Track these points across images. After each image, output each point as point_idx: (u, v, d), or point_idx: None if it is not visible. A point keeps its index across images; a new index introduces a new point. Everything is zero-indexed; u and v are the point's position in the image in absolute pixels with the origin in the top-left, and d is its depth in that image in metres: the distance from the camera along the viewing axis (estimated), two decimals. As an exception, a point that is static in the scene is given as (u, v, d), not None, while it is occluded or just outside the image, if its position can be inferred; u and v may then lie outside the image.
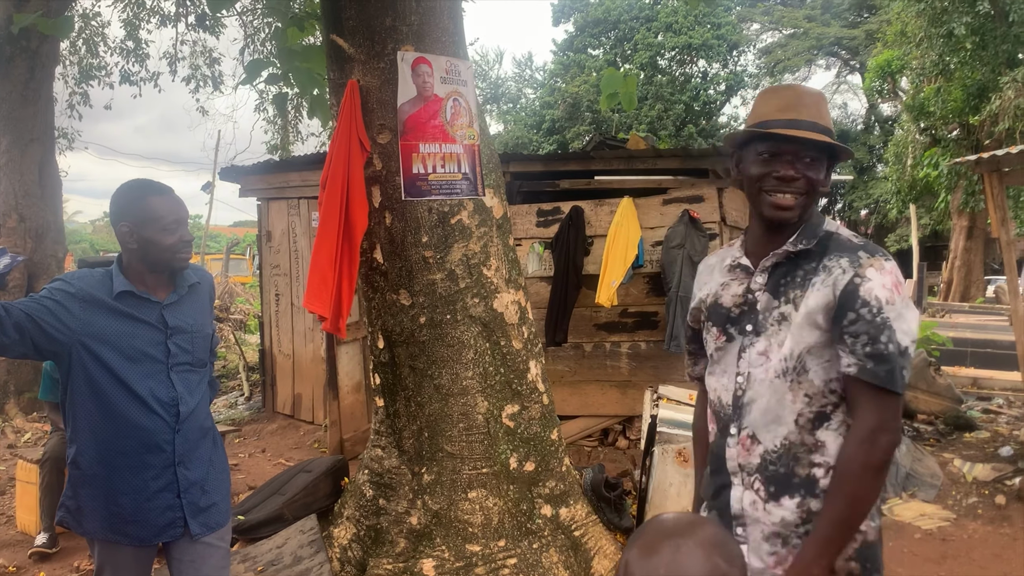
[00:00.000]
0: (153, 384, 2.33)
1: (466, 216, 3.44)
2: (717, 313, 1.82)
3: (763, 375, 1.71)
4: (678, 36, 30.35)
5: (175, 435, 2.37)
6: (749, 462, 1.73)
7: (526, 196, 7.17)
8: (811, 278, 1.68)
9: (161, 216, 2.33)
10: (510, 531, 3.37)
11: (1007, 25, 16.28)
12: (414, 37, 3.30)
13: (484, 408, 3.43)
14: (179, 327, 2.41)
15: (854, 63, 33.39)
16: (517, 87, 38.36)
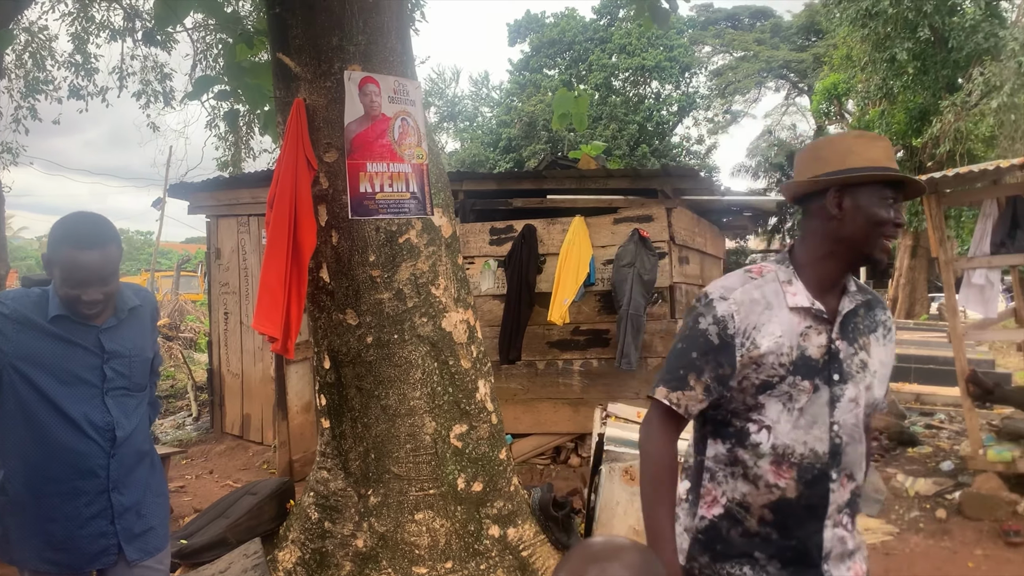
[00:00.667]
0: (88, 409, 2.26)
1: (414, 235, 3.43)
2: (806, 366, 1.73)
3: (853, 420, 1.75)
4: (632, 57, 30.81)
5: (110, 460, 2.30)
6: (843, 499, 1.77)
7: (479, 214, 7.20)
8: (869, 325, 1.81)
9: (70, 271, 2.19)
10: (457, 553, 3.35)
11: (947, 51, 16.84)
12: (361, 56, 3.30)
13: (432, 428, 3.41)
14: (116, 351, 2.34)
15: (802, 86, 34.19)
16: (474, 105, 38.50)
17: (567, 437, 6.88)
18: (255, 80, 4.75)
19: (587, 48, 32.17)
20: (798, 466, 1.73)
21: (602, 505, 3.69)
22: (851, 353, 1.75)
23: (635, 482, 3.68)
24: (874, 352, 1.78)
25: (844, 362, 1.74)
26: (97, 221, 2.28)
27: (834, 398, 1.73)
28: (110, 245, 2.23)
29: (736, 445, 1.77)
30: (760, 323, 1.73)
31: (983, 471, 5.54)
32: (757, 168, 34.87)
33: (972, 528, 5.28)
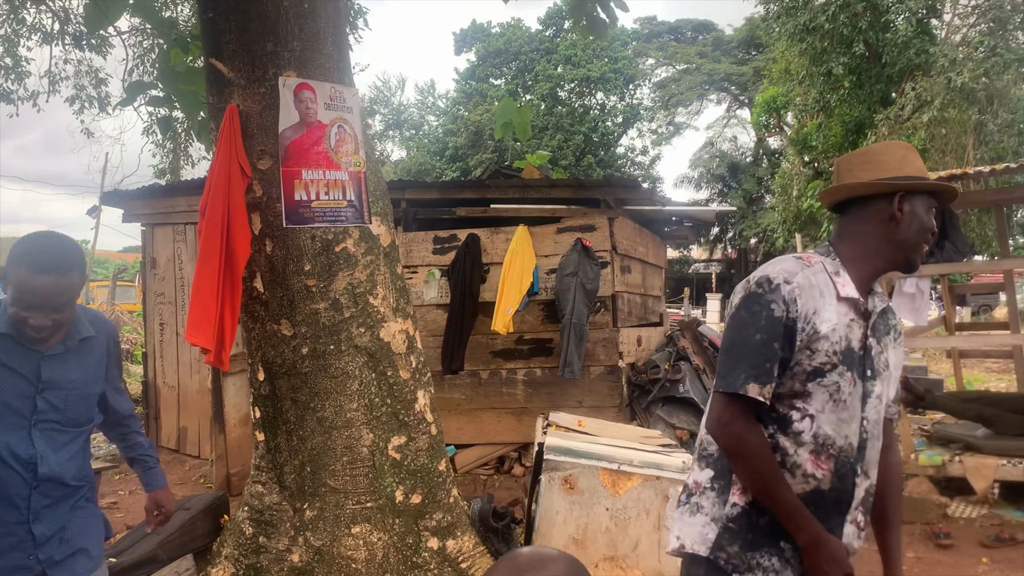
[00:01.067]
0: (11, 439, 2.09)
1: (351, 244, 3.38)
2: (851, 358, 1.76)
3: (875, 416, 1.81)
4: (577, 69, 31.10)
5: (31, 491, 2.14)
6: (861, 496, 1.82)
7: (422, 223, 7.15)
8: (887, 326, 1.88)
9: (21, 292, 2.05)
10: (395, 566, 3.30)
11: (881, 66, 17.35)
12: (296, 63, 3.25)
13: (369, 440, 3.36)
14: (54, 382, 2.17)
15: (743, 98, 34.89)
16: (420, 114, 38.42)
17: (511, 447, 6.86)
18: (190, 86, 4.65)
19: (533, 59, 32.37)
20: (835, 458, 1.75)
21: (542, 514, 3.67)
22: (879, 351, 1.82)
23: (575, 491, 3.68)
24: (891, 353, 1.86)
25: (874, 359, 1.80)
26: (61, 245, 2.12)
27: (866, 393, 1.78)
28: (70, 272, 2.08)
29: (778, 431, 1.75)
30: (818, 308, 1.75)
31: (915, 475, 5.68)
32: (699, 179, 35.48)
33: (904, 531, 5.38)
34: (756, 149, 34.28)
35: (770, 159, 32.88)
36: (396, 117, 37.74)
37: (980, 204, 10.40)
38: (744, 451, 1.75)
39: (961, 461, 5.50)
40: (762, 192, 32.68)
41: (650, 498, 3.61)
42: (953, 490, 5.70)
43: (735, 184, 33.43)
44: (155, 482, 2.63)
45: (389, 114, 37.64)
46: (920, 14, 16.88)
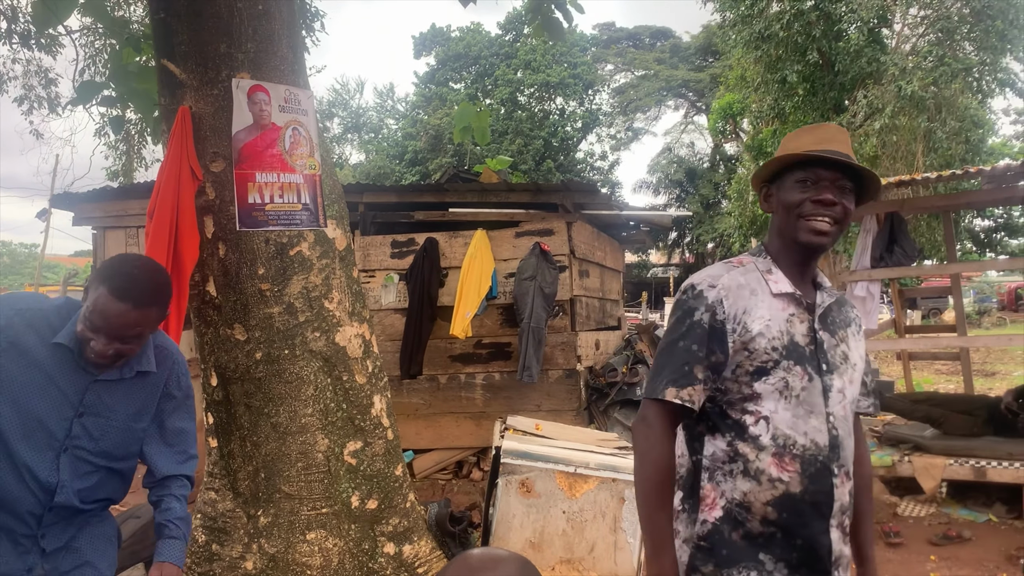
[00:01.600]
0: (34, 461, 1.97)
1: (306, 248, 3.35)
2: (797, 352, 1.72)
3: (843, 413, 1.74)
4: (537, 74, 31.20)
5: (45, 512, 2.02)
6: (844, 500, 1.73)
7: (380, 227, 7.12)
8: (844, 320, 1.83)
9: (92, 311, 1.92)
10: (351, 572, 3.27)
11: (834, 74, 17.69)
12: (250, 64, 3.22)
13: (324, 446, 3.33)
14: (96, 409, 2.03)
15: (700, 104, 35.32)
16: (379, 117, 38.21)
17: (469, 451, 6.85)
18: (143, 85, 4.57)
19: (492, 63, 32.41)
20: (801, 458, 1.68)
21: (499, 518, 3.67)
22: (833, 344, 1.76)
23: (531, 494, 3.69)
24: (852, 346, 1.81)
25: (828, 352, 1.74)
26: (149, 277, 2.00)
27: (825, 388, 1.72)
28: (150, 308, 1.95)
29: (736, 439, 1.71)
30: (749, 307, 1.72)
31: (865, 475, 5.79)
32: (658, 184, 35.83)
33: (856, 530, 5.51)
34: (713, 155, 34.71)
35: (726, 165, 33.32)
36: (355, 120, 37.51)
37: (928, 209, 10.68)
38: (644, 456, 1.73)
39: (910, 461, 5.62)
40: (719, 197, 33.09)
41: (606, 500, 3.63)
42: (903, 490, 5.83)
43: (692, 189, 33.81)
44: (169, 554, 2.28)
45: (348, 117, 37.39)
46: (871, 24, 17.26)
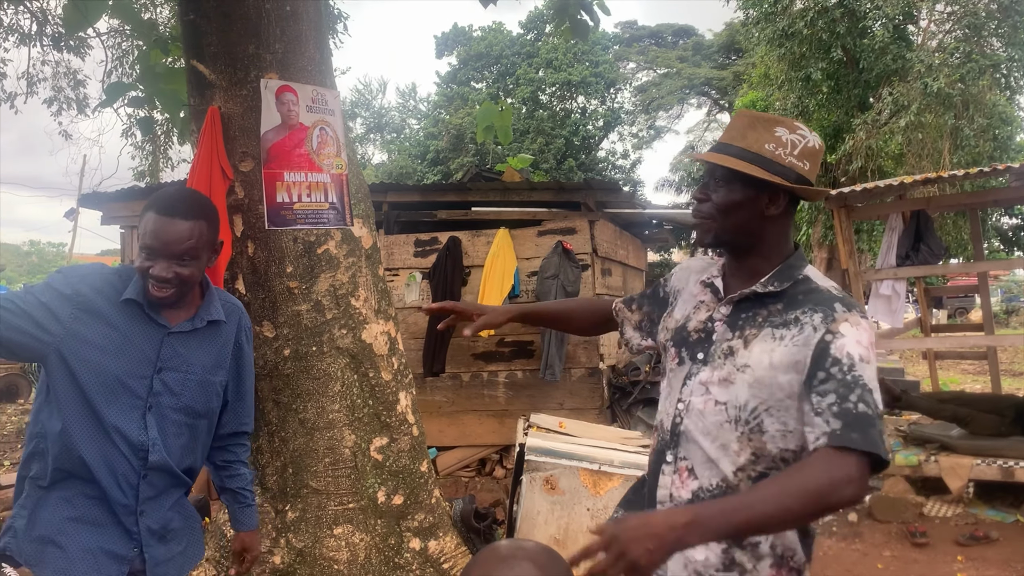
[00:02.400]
0: (122, 422, 1.97)
1: (333, 246, 3.39)
2: (680, 336, 1.74)
3: (701, 406, 1.63)
4: (558, 72, 31.18)
5: (140, 480, 2.01)
6: (680, 496, 1.63)
7: (404, 226, 7.17)
8: (775, 322, 1.59)
9: (145, 236, 1.93)
10: (377, 567, 3.31)
11: (858, 71, 17.54)
12: (279, 65, 3.26)
13: (351, 442, 3.37)
14: (174, 363, 2.03)
15: (723, 102, 35.11)
16: (401, 117, 38.35)
17: (492, 449, 6.88)
18: (171, 85, 4.64)
19: (514, 62, 32.44)
20: (658, 436, 1.74)
21: (523, 515, 3.70)
22: (726, 338, 1.64)
23: (556, 491, 3.71)
24: (755, 347, 1.58)
25: (714, 344, 1.65)
26: (192, 194, 2.08)
27: (688, 375, 1.67)
28: (197, 220, 1.95)
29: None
30: (683, 289, 1.85)
31: (891, 475, 5.76)
32: (680, 183, 35.65)
33: (881, 530, 5.48)
34: (736, 153, 34.42)
35: (750, 163, 33.05)
36: (377, 120, 37.68)
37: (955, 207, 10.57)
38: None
39: (937, 461, 5.58)
40: (742, 196, 32.83)
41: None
42: (929, 489, 5.79)
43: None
44: (248, 521, 2.38)
45: (370, 117, 37.57)
46: (897, 20, 17.09)
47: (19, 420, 10.44)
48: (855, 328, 1.51)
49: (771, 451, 1.57)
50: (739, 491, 1.56)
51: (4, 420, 10.69)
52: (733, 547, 1.58)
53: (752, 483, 1.57)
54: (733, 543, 1.57)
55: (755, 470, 1.58)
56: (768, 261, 1.66)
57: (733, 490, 1.57)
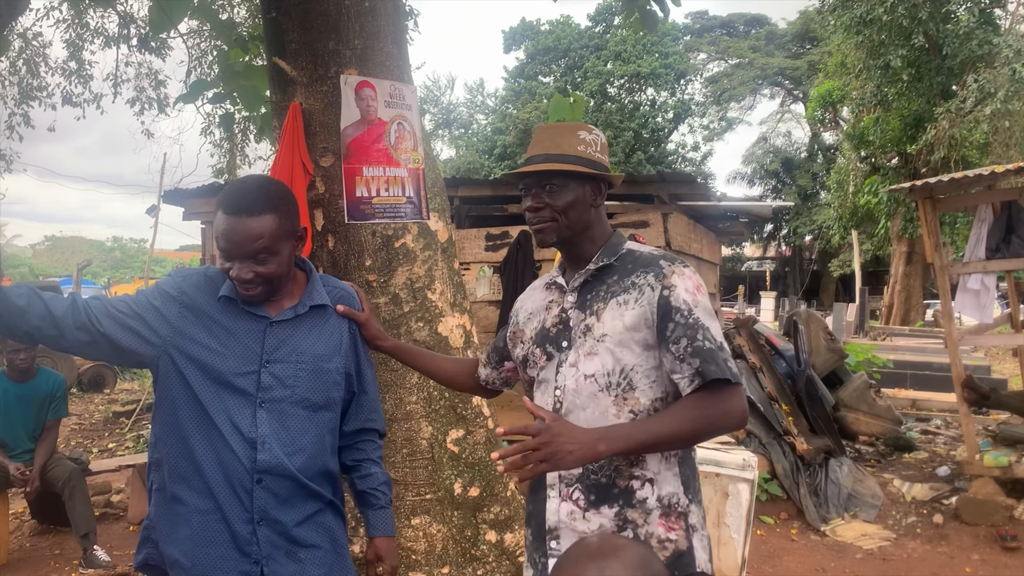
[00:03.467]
0: (235, 417, 1.88)
1: (410, 240, 3.42)
2: (542, 336, 1.90)
3: (574, 385, 1.78)
4: (627, 64, 30.90)
5: (254, 485, 1.88)
6: (570, 472, 1.75)
7: (475, 220, 7.20)
8: (615, 291, 1.80)
9: (219, 237, 1.87)
10: (454, 558, 3.33)
11: (941, 58, 16.91)
12: (358, 61, 3.30)
13: (428, 433, 3.40)
14: (281, 353, 1.93)
15: (797, 93, 34.31)
16: (469, 113, 38.59)
17: (563, 443, 6.87)
18: (250, 82, 4.75)
19: (582, 55, 32.27)
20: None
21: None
22: (580, 319, 1.82)
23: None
24: (606, 317, 1.77)
25: (573, 329, 1.83)
26: (255, 185, 1.92)
27: (559, 363, 1.83)
28: (262, 215, 1.84)
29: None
30: (525, 305, 2.02)
31: (979, 476, 5.54)
32: (752, 175, 34.99)
33: (969, 533, 5.28)
34: (811, 144, 33.70)
35: (825, 154, 32.30)
36: (445, 116, 37.98)
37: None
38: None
39: (1029, 462, 5.35)
40: (817, 188, 32.10)
41: (709, 495, 3.59)
42: (1020, 492, 5.55)
43: (789, 180, 32.90)
44: (383, 526, 2.18)
45: (438, 113, 37.90)
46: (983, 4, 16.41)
47: (106, 409, 10.86)
48: (682, 278, 1.75)
49: (644, 404, 1.74)
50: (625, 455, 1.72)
51: (92, 409, 11.14)
52: (624, 507, 1.73)
53: None
54: (626, 504, 1.72)
55: None
56: (595, 244, 1.89)
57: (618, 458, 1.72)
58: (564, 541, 1.76)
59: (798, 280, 35.57)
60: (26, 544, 5.31)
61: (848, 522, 5.62)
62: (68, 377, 11.10)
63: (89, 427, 9.91)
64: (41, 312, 1.80)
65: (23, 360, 4.82)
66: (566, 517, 1.77)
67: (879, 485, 6.10)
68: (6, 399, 4.82)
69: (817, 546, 5.24)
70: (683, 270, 1.77)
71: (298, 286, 2.04)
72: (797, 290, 33.50)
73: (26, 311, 1.78)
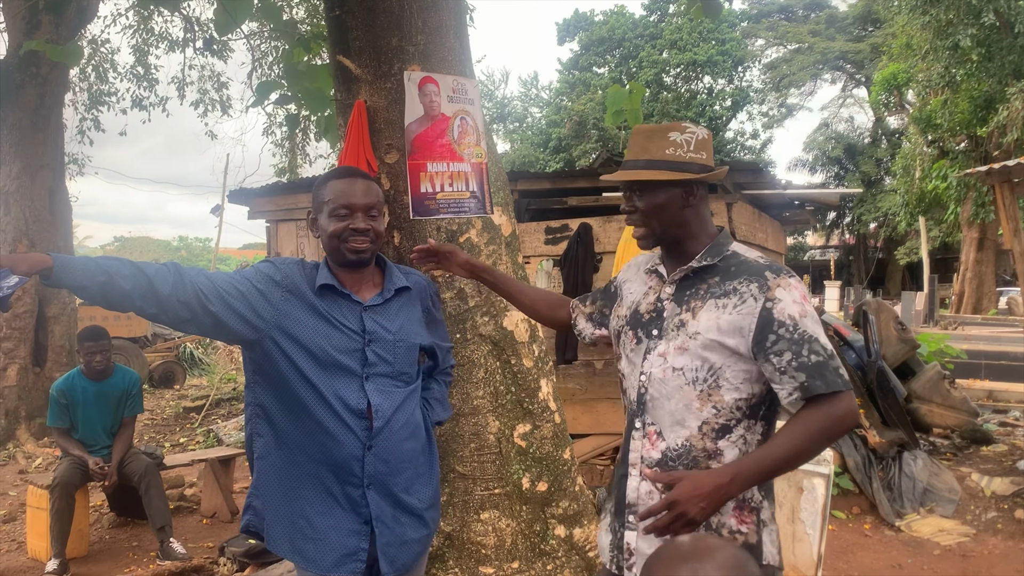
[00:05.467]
0: (343, 391, 2.06)
1: (475, 234, 3.42)
2: (635, 319, 1.98)
3: (661, 375, 1.86)
4: (683, 53, 30.49)
5: (365, 452, 2.07)
6: (650, 455, 1.86)
7: (534, 214, 7.18)
8: (715, 293, 1.84)
9: (329, 199, 2.11)
10: (523, 552, 3.33)
11: (1013, 36, 16.28)
12: (420, 57, 3.30)
13: (496, 428, 3.39)
14: (378, 334, 2.13)
15: (859, 77, 33.42)
16: (523, 106, 38.52)
17: (627, 437, 6.82)
18: (313, 83, 4.80)
19: (637, 45, 31.94)
20: (627, 408, 1.99)
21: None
22: (675, 313, 1.89)
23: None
24: (702, 316, 1.83)
25: (666, 320, 1.90)
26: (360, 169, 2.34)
27: (648, 350, 1.91)
28: (373, 183, 2.21)
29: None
30: (630, 276, 2.13)
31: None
32: (814, 162, 34.22)
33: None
34: (875, 129, 32.83)
35: (890, 139, 31.42)
36: (500, 110, 37.99)
37: None
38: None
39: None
40: (881, 174, 31.26)
41: (783, 490, 3.51)
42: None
43: (852, 166, 32.09)
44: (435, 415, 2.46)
45: (493, 107, 37.91)
46: (1058, -23, 15.74)
47: (176, 405, 11.17)
48: (787, 290, 1.77)
49: (728, 401, 1.80)
50: (703, 446, 1.81)
51: (164, 405, 11.46)
52: None
53: (715, 435, 1.81)
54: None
55: (717, 422, 1.81)
56: (698, 242, 1.92)
57: (697, 447, 1.81)
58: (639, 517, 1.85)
59: (863, 269, 34.72)
60: (106, 536, 5.48)
61: (924, 517, 5.45)
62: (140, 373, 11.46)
63: (161, 422, 10.20)
64: (144, 292, 1.88)
65: (100, 362, 4.97)
66: (645, 496, 1.86)
67: (956, 479, 5.91)
68: (84, 398, 4.97)
69: (892, 541, 5.09)
70: (788, 281, 1.79)
71: (377, 275, 2.27)
72: (862, 279, 32.70)
73: (131, 293, 1.86)
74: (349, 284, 2.18)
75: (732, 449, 1.80)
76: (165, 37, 12.51)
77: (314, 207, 2.20)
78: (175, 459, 6.06)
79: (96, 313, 12.26)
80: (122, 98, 13.06)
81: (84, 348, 5.01)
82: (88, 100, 12.92)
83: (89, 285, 1.80)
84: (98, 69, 12.54)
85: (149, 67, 12.74)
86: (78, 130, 12.93)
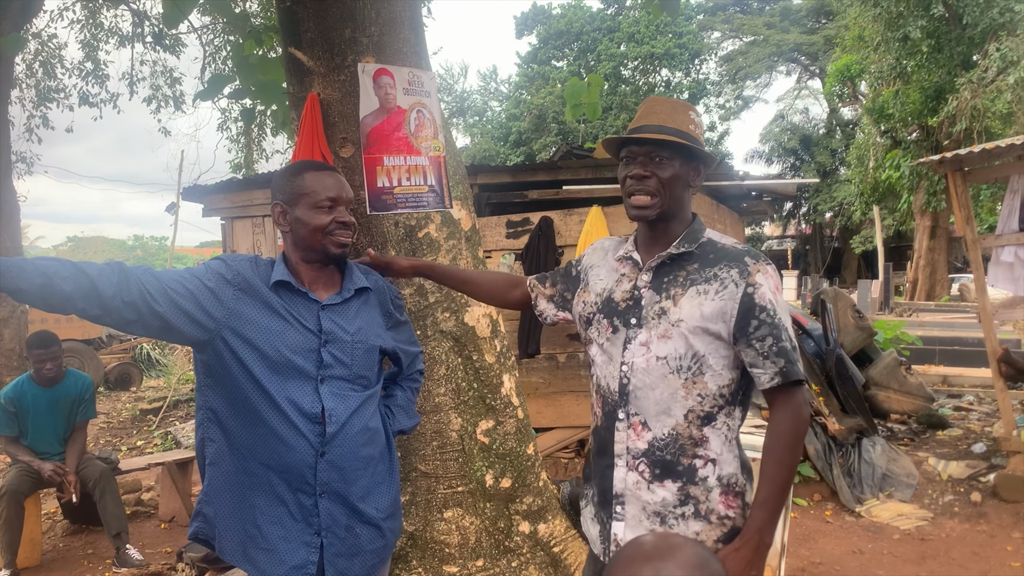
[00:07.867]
0: (295, 394, 1.97)
1: (434, 229, 3.37)
2: (608, 307, 1.93)
3: (644, 364, 1.83)
4: (640, 46, 30.64)
5: (318, 459, 1.98)
6: (636, 446, 1.84)
7: (495, 208, 7.13)
8: (695, 280, 1.83)
9: (313, 191, 2.04)
10: (488, 550, 3.29)
11: (961, 28, 16.61)
12: (375, 48, 3.24)
13: (458, 425, 3.35)
14: (335, 334, 2.04)
15: (814, 68, 33.88)
16: (483, 100, 38.43)
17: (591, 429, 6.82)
18: (266, 76, 4.70)
19: (595, 38, 32.03)
20: (604, 399, 1.92)
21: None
22: (655, 301, 1.85)
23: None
24: (684, 304, 1.81)
25: (645, 308, 1.86)
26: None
27: (627, 340, 1.86)
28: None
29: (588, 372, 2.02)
30: (595, 261, 2.07)
31: (1017, 452, 5.44)
32: (771, 153, 34.64)
33: (1008, 511, 5.19)
34: (829, 120, 33.30)
35: (844, 130, 31.91)
36: (459, 104, 37.85)
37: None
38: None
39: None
40: (836, 165, 31.75)
41: (745, 480, 3.52)
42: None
43: (808, 157, 32.54)
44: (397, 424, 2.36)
45: (452, 101, 37.77)
46: (1004, -30, 16.07)
47: (133, 407, 10.93)
48: (766, 276, 1.79)
49: (712, 388, 1.80)
50: (689, 433, 1.80)
51: (120, 407, 11.22)
52: (687, 484, 1.80)
53: (700, 422, 1.80)
54: (688, 481, 1.80)
55: (702, 410, 1.80)
56: (681, 225, 1.91)
57: (683, 435, 1.80)
58: (629, 507, 1.86)
59: (819, 258, 35.25)
60: (59, 544, 5.34)
61: (883, 502, 5.53)
62: (95, 376, 11.20)
63: (117, 426, 9.98)
64: (87, 293, 1.77)
65: (50, 369, 4.81)
66: (632, 486, 1.85)
67: (914, 464, 6.00)
68: (35, 405, 4.81)
69: (852, 527, 5.16)
70: (766, 268, 1.81)
71: (336, 274, 2.19)
72: (819, 268, 33.20)
73: (72, 295, 1.75)
74: (307, 282, 2.09)
75: (717, 436, 1.81)
76: (115, 32, 12.21)
77: (286, 200, 2.09)
78: (131, 463, 5.92)
79: (48, 316, 11.95)
80: (70, 94, 12.74)
81: (33, 355, 4.85)
82: (36, 97, 12.57)
83: (26, 288, 1.69)
84: (46, 65, 12.21)
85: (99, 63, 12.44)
86: (26, 128, 12.58)
